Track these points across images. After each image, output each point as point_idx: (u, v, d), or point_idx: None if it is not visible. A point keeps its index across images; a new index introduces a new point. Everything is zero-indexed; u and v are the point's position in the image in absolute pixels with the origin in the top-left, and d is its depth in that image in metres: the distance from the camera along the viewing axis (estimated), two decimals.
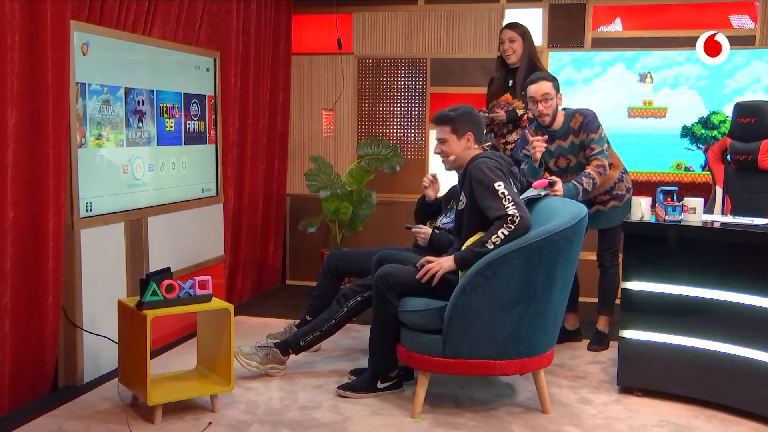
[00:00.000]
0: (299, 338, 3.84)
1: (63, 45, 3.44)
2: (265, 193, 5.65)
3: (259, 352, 3.83)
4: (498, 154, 3.50)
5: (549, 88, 4.06)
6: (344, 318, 3.82)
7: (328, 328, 3.82)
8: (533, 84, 4.10)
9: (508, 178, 3.38)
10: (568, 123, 4.13)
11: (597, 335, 4.36)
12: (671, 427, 3.28)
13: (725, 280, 3.36)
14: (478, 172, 3.35)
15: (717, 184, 4.40)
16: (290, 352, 3.85)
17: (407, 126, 5.84)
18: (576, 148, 4.14)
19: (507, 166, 3.46)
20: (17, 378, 3.34)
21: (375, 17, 5.84)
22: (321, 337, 3.84)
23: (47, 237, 3.42)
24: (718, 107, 5.18)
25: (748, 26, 5.22)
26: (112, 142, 3.88)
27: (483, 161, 3.38)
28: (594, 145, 4.06)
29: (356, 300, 3.81)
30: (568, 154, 4.17)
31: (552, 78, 4.15)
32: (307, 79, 5.98)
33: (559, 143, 4.16)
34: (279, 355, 3.83)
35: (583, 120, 4.09)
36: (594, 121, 4.09)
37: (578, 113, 4.13)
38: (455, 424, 3.29)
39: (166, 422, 3.25)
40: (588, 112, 4.14)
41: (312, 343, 3.85)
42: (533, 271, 3.20)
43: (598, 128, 4.08)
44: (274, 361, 3.83)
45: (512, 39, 4.69)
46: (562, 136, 4.15)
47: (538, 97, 4.07)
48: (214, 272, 4.53)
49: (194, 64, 4.60)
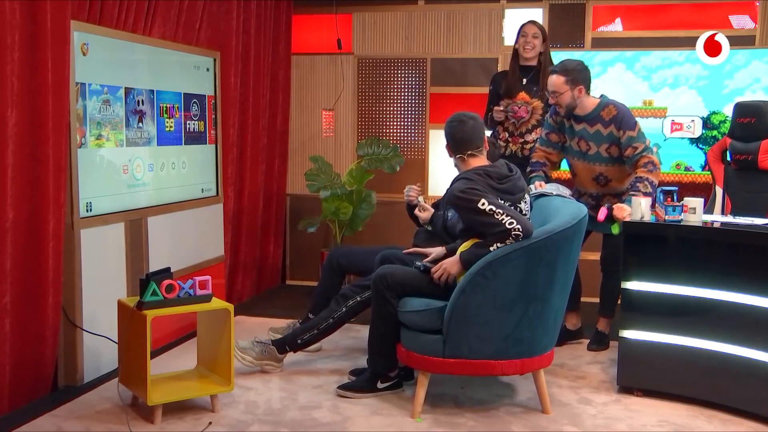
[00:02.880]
0: (297, 336, 3.84)
1: (63, 45, 3.44)
2: (265, 193, 5.65)
3: (255, 347, 3.84)
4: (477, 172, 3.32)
5: (558, 84, 3.98)
6: (343, 317, 3.82)
7: (325, 327, 3.81)
8: (549, 77, 4.07)
9: (491, 191, 3.25)
10: (599, 111, 4.00)
11: (597, 335, 4.35)
12: (671, 427, 3.28)
13: (725, 280, 3.36)
14: (454, 200, 3.26)
15: (717, 184, 4.40)
16: (287, 350, 3.85)
17: (407, 126, 5.84)
18: (600, 138, 4.02)
19: (488, 182, 3.28)
20: (17, 378, 3.34)
21: (375, 17, 5.84)
22: (318, 336, 3.84)
23: (47, 237, 3.42)
24: (718, 107, 5.18)
25: (748, 26, 5.22)
26: (112, 142, 3.88)
27: (456, 186, 3.28)
28: (636, 144, 3.91)
29: (356, 300, 3.81)
30: (590, 140, 4.05)
31: (567, 71, 4.00)
32: (307, 79, 5.98)
33: (584, 126, 4.05)
34: (275, 353, 3.84)
35: (616, 114, 3.96)
36: (630, 118, 3.96)
37: (612, 105, 4.00)
38: (455, 424, 3.29)
39: (166, 422, 3.25)
40: (622, 107, 4.01)
41: (309, 341, 3.85)
42: (533, 271, 3.20)
43: (635, 125, 3.95)
44: (269, 358, 3.83)
45: (536, 35, 4.62)
46: (590, 121, 4.03)
47: (550, 91, 4.04)
48: (214, 272, 4.53)
49: (194, 64, 4.60)
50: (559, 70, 4.03)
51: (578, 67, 4.02)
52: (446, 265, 3.34)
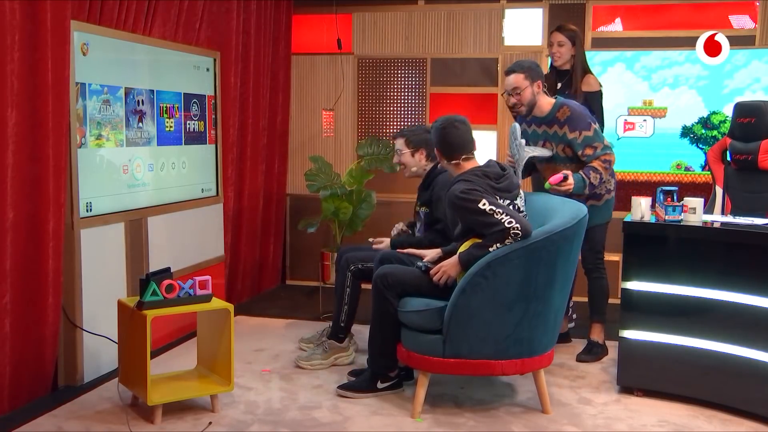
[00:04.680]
0: (337, 321, 4.03)
1: (63, 45, 3.44)
2: (265, 193, 5.65)
3: (316, 350, 4.04)
4: (475, 172, 3.34)
5: (519, 80, 3.95)
6: (354, 283, 3.98)
7: (348, 298, 3.99)
8: (506, 77, 4.02)
9: (491, 191, 3.27)
10: (555, 112, 3.99)
11: (588, 345, 4.20)
12: (671, 427, 3.28)
13: (725, 280, 3.36)
14: (454, 200, 3.26)
15: (717, 184, 4.40)
16: (341, 336, 4.02)
17: (407, 126, 5.84)
18: (557, 139, 4.00)
19: (487, 182, 3.30)
20: (17, 378, 3.34)
21: (375, 17, 5.84)
22: (350, 310, 4.01)
23: (47, 237, 3.42)
24: (718, 107, 5.18)
25: (748, 26, 5.21)
26: (112, 142, 3.88)
27: (455, 187, 3.28)
28: (595, 143, 3.90)
29: (357, 266, 3.98)
30: (551, 141, 4.04)
31: (525, 68, 3.97)
32: (307, 79, 5.98)
33: (545, 128, 4.04)
34: (335, 344, 4.01)
35: (570, 114, 3.94)
36: (583, 118, 3.93)
37: (566, 106, 3.98)
38: (455, 424, 3.29)
39: (166, 422, 3.25)
40: (576, 107, 3.99)
41: (348, 319, 4.02)
42: (533, 271, 3.21)
43: (590, 125, 3.92)
44: (335, 351, 4.02)
45: (561, 43, 4.55)
46: (548, 123, 4.02)
47: (509, 89, 3.99)
48: (214, 272, 4.53)
49: (194, 64, 4.60)
50: (515, 68, 4.01)
51: (533, 65, 4.04)
52: (446, 267, 3.35)
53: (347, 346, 4.06)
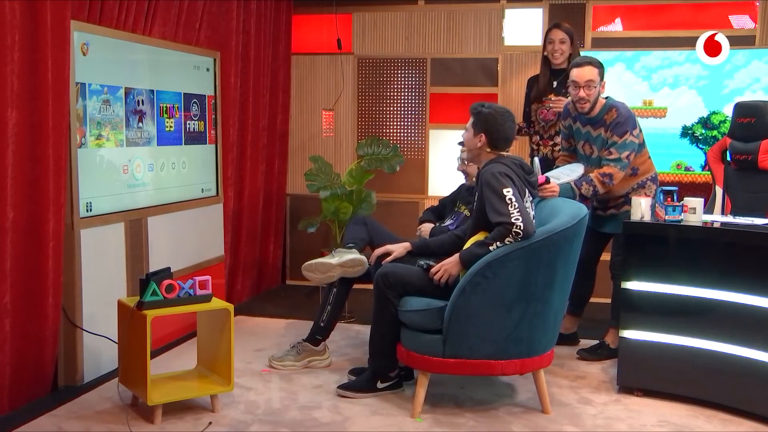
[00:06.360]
0: (317, 322, 3.98)
1: (63, 45, 3.44)
2: (265, 193, 5.65)
3: (290, 351, 3.99)
4: (515, 161, 3.40)
5: (594, 74, 3.86)
6: (343, 282, 3.95)
7: (333, 298, 3.96)
8: (578, 68, 3.89)
9: (521, 186, 3.32)
10: (603, 114, 3.93)
11: (597, 345, 4.17)
12: (671, 427, 3.28)
13: (725, 280, 3.36)
14: (489, 176, 3.29)
15: (717, 184, 4.40)
16: (319, 338, 3.97)
17: (407, 126, 5.84)
18: (600, 142, 3.95)
19: (523, 174, 3.37)
20: (17, 378, 3.34)
21: (375, 17, 5.84)
22: (333, 311, 3.96)
23: (47, 237, 3.42)
24: (718, 107, 5.18)
25: (748, 26, 5.21)
26: (112, 142, 3.88)
27: (494, 166, 3.33)
28: (613, 150, 3.84)
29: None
30: (593, 143, 4.00)
31: (599, 64, 3.91)
32: (307, 79, 5.98)
33: (589, 129, 3.99)
34: (310, 346, 3.96)
35: (616, 117, 3.86)
36: (624, 125, 3.83)
37: (615, 108, 3.90)
38: (455, 424, 3.29)
39: (166, 422, 3.25)
40: (624, 111, 3.89)
41: (329, 320, 3.96)
42: (533, 271, 3.21)
43: (625, 133, 3.83)
44: (309, 354, 3.96)
45: (563, 40, 4.53)
46: (595, 124, 3.96)
47: (582, 82, 3.86)
48: (214, 272, 4.53)
49: (194, 64, 4.60)
50: (591, 61, 3.91)
51: (601, 63, 3.96)
52: (447, 266, 3.35)
53: (323, 350, 4.00)
